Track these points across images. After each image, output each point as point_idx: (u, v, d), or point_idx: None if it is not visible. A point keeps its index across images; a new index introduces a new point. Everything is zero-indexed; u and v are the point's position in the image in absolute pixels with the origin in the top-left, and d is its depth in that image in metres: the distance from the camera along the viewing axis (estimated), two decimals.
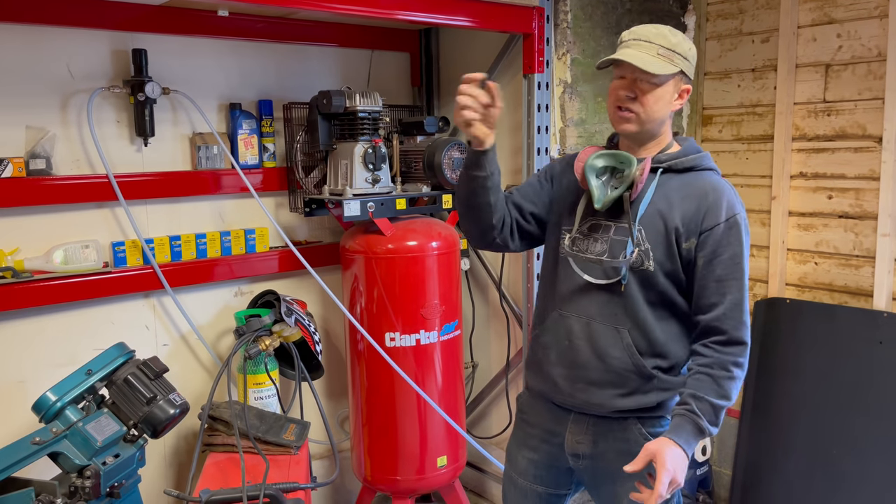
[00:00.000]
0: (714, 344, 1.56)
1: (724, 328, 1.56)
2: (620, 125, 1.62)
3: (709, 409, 1.51)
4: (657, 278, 1.59)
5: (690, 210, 1.58)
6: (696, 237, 1.57)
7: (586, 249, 1.65)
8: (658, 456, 1.44)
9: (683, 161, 1.64)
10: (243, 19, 2.48)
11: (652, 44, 1.57)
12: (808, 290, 2.73)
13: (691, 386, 1.54)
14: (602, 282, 1.63)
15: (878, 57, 2.46)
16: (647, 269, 1.59)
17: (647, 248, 1.59)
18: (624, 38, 1.62)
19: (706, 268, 1.56)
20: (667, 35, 1.59)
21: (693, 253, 1.57)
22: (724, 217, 1.56)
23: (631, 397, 1.63)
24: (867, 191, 2.53)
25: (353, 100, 2.44)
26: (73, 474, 1.72)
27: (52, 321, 2.21)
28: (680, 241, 1.58)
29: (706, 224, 1.56)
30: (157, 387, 1.87)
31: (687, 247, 1.57)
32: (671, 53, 1.57)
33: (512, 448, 1.86)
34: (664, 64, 1.56)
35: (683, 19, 2.95)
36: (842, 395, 2.57)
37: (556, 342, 1.69)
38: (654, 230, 1.59)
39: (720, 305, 1.56)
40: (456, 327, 2.54)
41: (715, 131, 2.98)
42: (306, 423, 2.36)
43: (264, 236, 2.58)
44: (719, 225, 1.55)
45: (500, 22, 2.41)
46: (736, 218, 1.57)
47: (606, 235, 1.64)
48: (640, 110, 1.58)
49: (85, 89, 2.23)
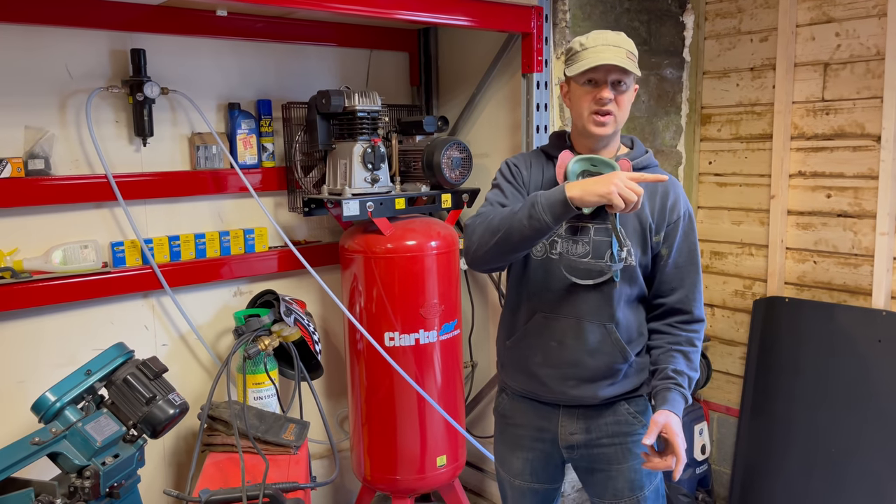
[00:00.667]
0: (679, 323, 1.72)
1: (687, 309, 1.72)
2: (598, 129, 1.64)
3: (687, 381, 1.66)
4: (636, 273, 1.69)
5: (657, 206, 1.69)
6: (664, 230, 1.69)
7: (568, 252, 1.69)
8: (668, 428, 1.55)
9: (641, 160, 1.73)
10: (242, 19, 2.48)
11: (620, 48, 1.62)
12: (807, 288, 2.73)
13: (668, 362, 1.68)
14: (589, 282, 1.67)
15: (877, 56, 2.47)
16: (629, 264, 1.68)
17: (628, 246, 1.67)
18: (587, 44, 1.63)
19: (670, 257, 1.70)
20: (627, 40, 1.66)
21: (659, 245, 1.70)
22: (683, 210, 1.70)
23: (618, 384, 1.72)
24: (866, 189, 2.53)
25: (352, 99, 2.44)
26: (72, 474, 1.72)
27: (51, 321, 2.21)
28: (651, 235, 1.69)
29: (670, 218, 1.69)
30: (157, 387, 1.87)
31: (656, 240, 1.69)
32: (633, 56, 1.65)
33: (504, 452, 1.88)
34: (635, 66, 1.63)
35: (682, 18, 2.95)
36: (841, 394, 2.57)
37: (542, 344, 1.72)
38: (632, 228, 1.68)
39: (682, 289, 1.71)
40: (455, 327, 2.54)
41: (714, 130, 2.98)
42: (306, 423, 2.36)
43: (263, 236, 2.58)
44: (680, 219, 1.70)
45: (498, 21, 2.41)
46: (689, 211, 1.73)
47: (587, 237, 1.68)
48: (617, 112, 1.64)
49: (83, 89, 2.23)
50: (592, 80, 1.62)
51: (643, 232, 1.68)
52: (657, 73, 2.90)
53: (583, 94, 1.64)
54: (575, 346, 1.69)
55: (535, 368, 1.73)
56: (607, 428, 1.75)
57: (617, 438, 1.74)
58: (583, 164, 1.65)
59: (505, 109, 2.76)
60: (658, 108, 2.92)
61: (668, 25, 2.91)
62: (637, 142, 1.78)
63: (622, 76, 1.61)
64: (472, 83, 2.86)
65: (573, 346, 1.69)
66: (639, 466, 1.73)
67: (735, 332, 2.98)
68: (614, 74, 1.61)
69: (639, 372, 1.75)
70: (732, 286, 2.97)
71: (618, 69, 1.60)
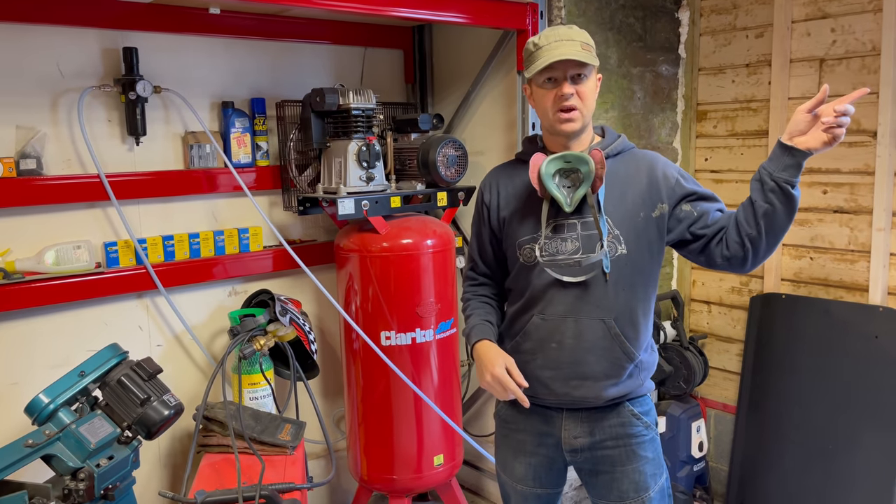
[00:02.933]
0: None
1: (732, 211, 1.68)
2: (565, 125, 1.64)
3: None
4: (629, 259, 1.67)
5: (643, 185, 1.68)
6: (666, 199, 1.67)
7: (557, 251, 1.68)
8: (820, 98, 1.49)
9: (615, 147, 1.73)
10: (235, 17, 2.47)
11: (574, 41, 1.62)
12: (803, 285, 2.73)
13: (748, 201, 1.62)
14: (581, 278, 1.66)
15: (873, 51, 2.46)
16: (621, 253, 1.66)
17: (617, 234, 1.66)
18: (540, 43, 1.64)
19: (690, 204, 1.68)
20: (580, 31, 1.66)
21: (670, 209, 1.68)
22: (674, 171, 1.71)
23: (623, 384, 1.70)
24: (862, 185, 2.53)
25: (347, 97, 2.42)
26: (66, 477, 1.71)
27: (44, 322, 2.20)
28: (648, 214, 1.67)
29: (667, 184, 1.68)
30: (151, 388, 1.86)
31: (659, 213, 1.67)
32: (589, 47, 1.64)
33: (506, 458, 1.86)
34: (592, 56, 1.62)
35: (677, 14, 2.95)
36: (838, 390, 2.57)
37: (541, 346, 1.71)
38: (619, 214, 1.67)
39: (722, 209, 1.70)
40: (452, 325, 2.53)
41: (709, 127, 2.98)
42: (302, 423, 2.34)
43: (258, 235, 2.57)
44: (676, 178, 1.69)
45: (493, 18, 2.40)
46: (679, 169, 1.74)
47: (574, 233, 1.67)
48: (581, 105, 1.63)
49: (75, 88, 2.21)
50: (552, 78, 1.62)
51: (632, 216, 1.66)
52: (652, 70, 2.89)
53: (545, 94, 1.64)
54: (575, 344, 1.67)
55: (537, 371, 1.71)
56: (611, 430, 1.72)
57: (621, 441, 1.72)
58: (556, 164, 1.65)
59: (500, 107, 2.75)
60: (654, 105, 2.92)
61: (664, 22, 2.90)
62: (608, 129, 1.77)
63: (580, 69, 1.61)
64: (468, 80, 2.85)
65: (573, 345, 1.67)
66: (643, 468, 1.71)
67: (732, 329, 2.98)
68: (572, 69, 1.60)
69: (644, 371, 1.72)
70: (729, 283, 2.96)
71: (574, 63, 1.59)
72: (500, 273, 1.85)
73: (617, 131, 1.81)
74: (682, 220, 1.68)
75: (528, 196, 1.72)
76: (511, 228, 1.76)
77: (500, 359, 1.66)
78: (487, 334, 1.74)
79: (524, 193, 1.73)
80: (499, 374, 1.63)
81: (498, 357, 1.66)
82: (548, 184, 1.63)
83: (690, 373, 2.87)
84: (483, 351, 1.70)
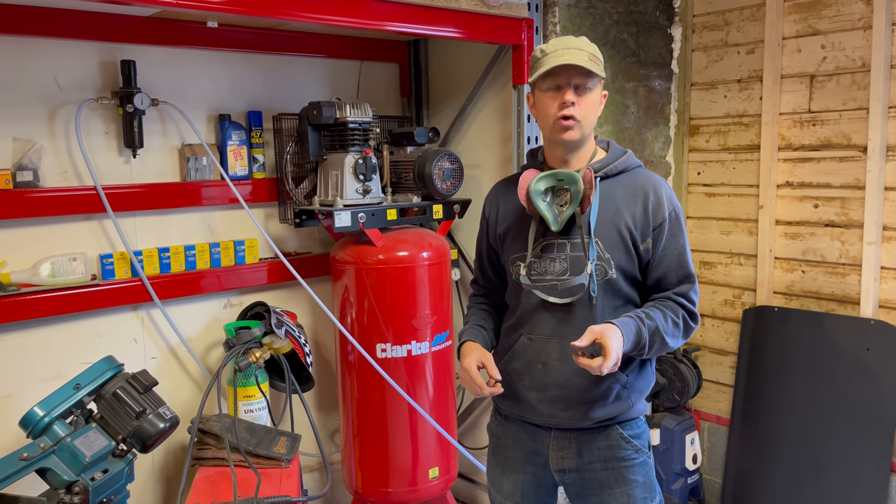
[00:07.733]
0: (676, 295, 1.66)
1: (682, 294, 1.66)
2: (564, 134, 1.61)
3: (655, 329, 1.59)
4: (620, 283, 1.65)
5: (638, 211, 1.64)
6: (651, 235, 1.64)
7: (545, 272, 1.66)
8: (605, 339, 1.50)
9: (616, 165, 1.69)
10: (232, 30, 2.48)
11: (582, 51, 1.60)
12: (795, 298, 2.75)
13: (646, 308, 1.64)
14: (567, 300, 1.64)
15: (863, 68, 2.50)
16: (611, 277, 1.63)
17: (608, 258, 1.63)
18: (548, 50, 1.62)
19: (663, 256, 1.65)
20: (589, 43, 1.64)
21: (650, 250, 1.65)
22: (668, 210, 1.65)
23: (610, 406, 1.67)
24: (853, 199, 2.56)
25: (343, 110, 2.44)
26: (61, 490, 1.70)
27: (39, 335, 2.19)
28: (637, 243, 1.64)
29: (655, 221, 1.64)
30: (147, 400, 1.86)
31: (644, 247, 1.64)
32: (597, 59, 1.62)
33: (495, 474, 1.85)
34: (598, 67, 1.60)
35: (670, 31, 2.98)
36: (830, 403, 2.59)
37: (528, 367, 1.69)
38: (610, 238, 1.63)
39: (684, 283, 1.67)
40: (447, 338, 2.54)
41: (702, 141, 3.01)
42: (297, 436, 2.34)
43: (254, 247, 2.57)
44: (666, 220, 1.64)
45: (489, 33, 2.42)
46: (676, 210, 1.67)
47: (563, 254, 1.65)
48: (581, 115, 1.60)
49: (73, 101, 2.22)
50: (556, 85, 1.60)
51: (623, 240, 1.62)
52: (646, 85, 2.92)
53: (547, 101, 1.61)
54: (560, 367, 1.65)
55: (525, 392, 1.70)
56: (599, 452, 1.69)
57: (609, 463, 1.68)
58: (547, 181, 1.63)
59: (496, 120, 2.77)
60: (647, 119, 2.94)
61: (657, 37, 2.93)
62: (614, 145, 1.73)
63: (585, 79, 1.58)
64: (463, 94, 2.87)
65: (558, 367, 1.65)
66: (633, 491, 1.68)
67: (725, 342, 2.99)
68: (576, 78, 1.58)
69: (633, 393, 1.69)
70: (722, 296, 2.98)
71: (579, 71, 1.57)
72: (501, 286, 1.84)
73: (601, 138, 1.78)
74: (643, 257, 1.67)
75: (523, 213, 1.71)
76: (505, 245, 1.76)
77: (475, 353, 1.67)
78: (474, 336, 1.75)
79: (519, 210, 1.72)
80: (466, 364, 1.64)
81: (473, 352, 1.67)
82: (536, 201, 1.62)
83: (684, 385, 2.88)
84: (464, 349, 1.71)
